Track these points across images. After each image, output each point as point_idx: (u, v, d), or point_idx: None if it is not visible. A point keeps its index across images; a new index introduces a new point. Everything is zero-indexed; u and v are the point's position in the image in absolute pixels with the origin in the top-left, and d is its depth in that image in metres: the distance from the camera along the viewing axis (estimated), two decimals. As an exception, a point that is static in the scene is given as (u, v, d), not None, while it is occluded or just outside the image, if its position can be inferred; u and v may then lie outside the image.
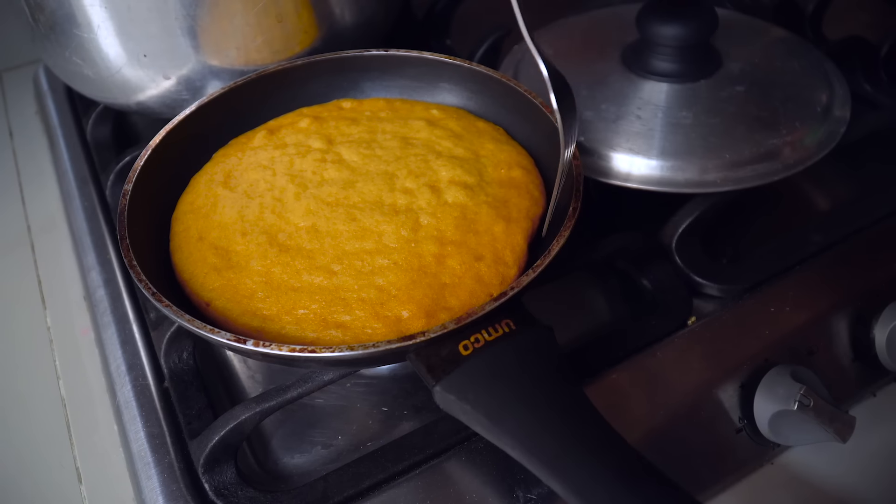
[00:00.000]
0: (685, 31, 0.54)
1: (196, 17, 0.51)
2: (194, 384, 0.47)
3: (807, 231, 0.53)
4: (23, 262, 0.59)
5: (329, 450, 0.45)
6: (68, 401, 0.50)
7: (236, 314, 0.41)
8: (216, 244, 0.45)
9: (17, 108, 0.74)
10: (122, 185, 0.56)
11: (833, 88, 0.57)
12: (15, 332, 0.54)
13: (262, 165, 0.49)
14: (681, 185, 0.52)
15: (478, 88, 0.53)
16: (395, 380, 0.49)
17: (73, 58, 0.54)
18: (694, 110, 0.54)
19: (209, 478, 0.42)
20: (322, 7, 0.55)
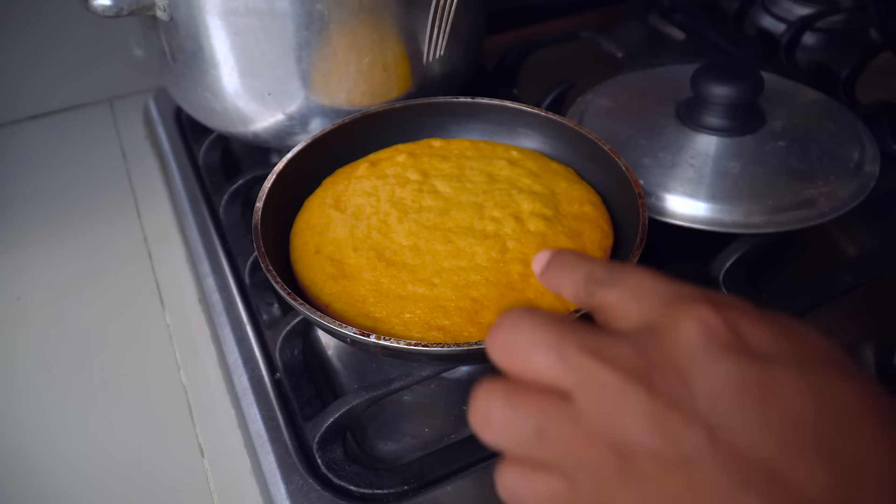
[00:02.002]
0: (735, 92, 0.62)
1: (316, 64, 0.60)
2: (304, 376, 0.54)
3: (838, 272, 0.60)
4: (142, 269, 0.67)
5: (417, 439, 0.52)
6: (189, 387, 0.58)
7: (352, 315, 0.49)
8: (332, 257, 0.53)
9: (128, 133, 0.83)
10: (235, 205, 0.65)
11: (864, 147, 0.64)
12: (139, 328, 0.62)
13: (366, 192, 0.57)
14: (728, 225, 0.59)
15: (552, 134, 0.61)
16: (472, 383, 0.55)
17: (204, 92, 0.63)
18: (741, 161, 0.61)
19: (322, 454, 0.49)
20: (417, 60, 0.64)
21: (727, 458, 0.24)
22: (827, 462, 0.23)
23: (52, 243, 0.70)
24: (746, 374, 0.25)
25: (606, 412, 0.26)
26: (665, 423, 0.25)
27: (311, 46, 0.59)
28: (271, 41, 0.58)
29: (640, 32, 0.97)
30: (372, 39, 0.60)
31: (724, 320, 0.26)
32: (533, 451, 0.27)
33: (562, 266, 0.35)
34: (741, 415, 0.24)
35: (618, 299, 0.30)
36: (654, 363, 0.26)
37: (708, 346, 0.26)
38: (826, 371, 0.25)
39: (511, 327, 0.29)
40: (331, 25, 0.58)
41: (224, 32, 0.58)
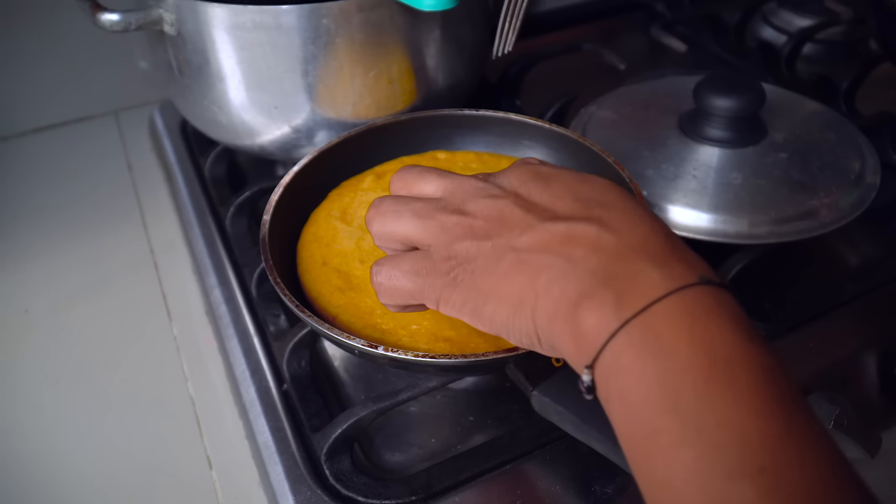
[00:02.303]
0: (737, 104, 0.62)
1: (322, 77, 0.60)
2: (312, 388, 0.54)
3: (841, 281, 0.60)
4: (148, 280, 0.68)
5: (424, 450, 0.53)
6: (196, 399, 0.58)
7: (359, 327, 0.49)
8: (338, 269, 0.53)
9: (133, 145, 0.84)
10: (241, 217, 0.66)
11: (865, 158, 0.65)
12: (146, 340, 0.62)
13: (372, 204, 0.58)
14: (731, 236, 0.59)
15: (556, 146, 0.62)
16: (478, 393, 0.56)
17: (210, 106, 0.63)
18: (743, 172, 0.62)
19: (330, 465, 0.49)
20: (423, 73, 0.65)
21: (520, 200, 0.38)
22: (580, 201, 0.37)
23: (58, 255, 0.70)
24: (537, 170, 0.40)
25: (456, 193, 0.39)
26: (488, 188, 0.39)
27: (318, 60, 0.59)
28: (278, 55, 0.59)
29: (642, 44, 0.97)
30: (377, 53, 0.60)
31: (535, 159, 0.42)
32: (406, 228, 0.39)
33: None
34: (533, 184, 0.38)
35: None
36: (493, 174, 0.41)
37: (520, 163, 0.41)
38: (591, 176, 0.39)
39: (408, 168, 0.43)
40: (337, 40, 0.58)
41: (231, 47, 0.59)
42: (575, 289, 0.33)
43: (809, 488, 0.26)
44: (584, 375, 0.33)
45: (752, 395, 0.28)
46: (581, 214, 0.36)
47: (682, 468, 0.28)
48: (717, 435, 0.28)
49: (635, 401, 0.30)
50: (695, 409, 0.28)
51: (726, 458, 0.27)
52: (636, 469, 0.31)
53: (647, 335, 0.30)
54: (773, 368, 0.30)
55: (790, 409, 0.28)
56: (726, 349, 0.30)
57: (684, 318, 0.30)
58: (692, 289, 0.31)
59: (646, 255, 0.33)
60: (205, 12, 0.58)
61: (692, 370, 0.29)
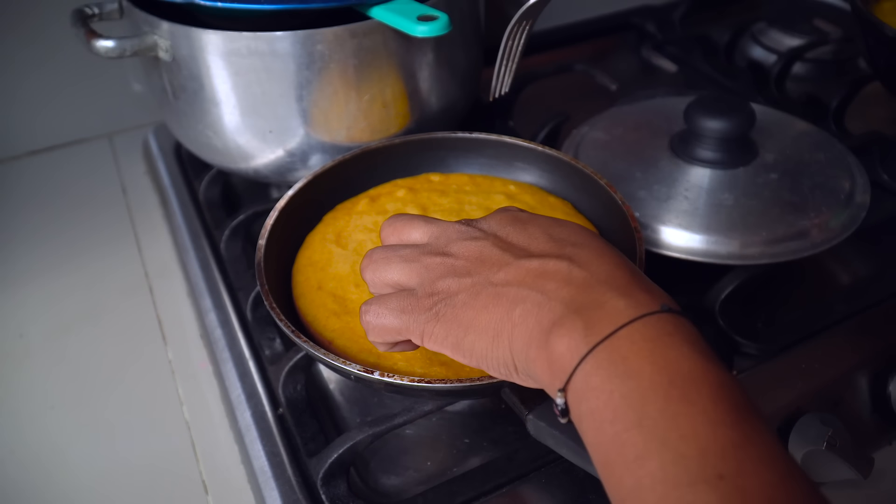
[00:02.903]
0: (728, 125, 0.63)
1: (317, 102, 0.61)
2: (307, 412, 0.54)
3: (832, 301, 0.61)
4: (143, 304, 0.68)
5: (420, 473, 0.53)
6: (191, 423, 0.58)
7: (355, 351, 0.50)
8: (334, 293, 0.53)
9: (128, 168, 0.84)
10: (236, 240, 0.66)
11: (855, 178, 0.65)
12: (141, 364, 0.62)
13: (367, 228, 0.58)
14: (723, 257, 0.60)
15: (549, 168, 0.62)
16: (474, 416, 0.56)
17: (205, 130, 0.64)
18: (734, 193, 0.62)
19: (326, 490, 0.49)
20: (416, 96, 0.65)
21: (499, 241, 0.41)
22: (554, 241, 0.40)
23: (53, 279, 0.70)
24: (517, 215, 0.43)
25: (441, 238, 0.43)
26: (470, 232, 0.42)
27: (312, 85, 0.60)
28: (273, 80, 0.59)
29: (633, 64, 0.98)
30: (371, 77, 0.61)
31: (515, 208, 0.45)
32: (394, 273, 0.42)
33: None
34: (512, 227, 0.42)
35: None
36: (475, 220, 0.44)
37: (501, 210, 0.44)
38: (565, 221, 0.43)
39: (397, 216, 0.46)
40: (331, 65, 0.59)
41: (226, 72, 0.59)
42: (548, 318, 0.35)
43: (766, 492, 0.28)
44: (557, 399, 0.35)
45: (709, 409, 0.31)
46: (554, 252, 0.39)
47: (648, 478, 0.30)
48: (679, 446, 0.30)
49: (604, 418, 0.32)
50: (658, 423, 0.31)
51: (688, 467, 0.29)
52: (608, 484, 0.33)
53: (613, 358, 0.33)
54: (728, 384, 0.32)
55: (744, 419, 0.31)
56: (685, 368, 0.32)
57: (647, 341, 0.33)
58: (654, 316, 0.34)
59: (612, 287, 0.36)
60: (199, 39, 0.58)
61: (654, 388, 0.32)
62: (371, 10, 0.57)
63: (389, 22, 0.56)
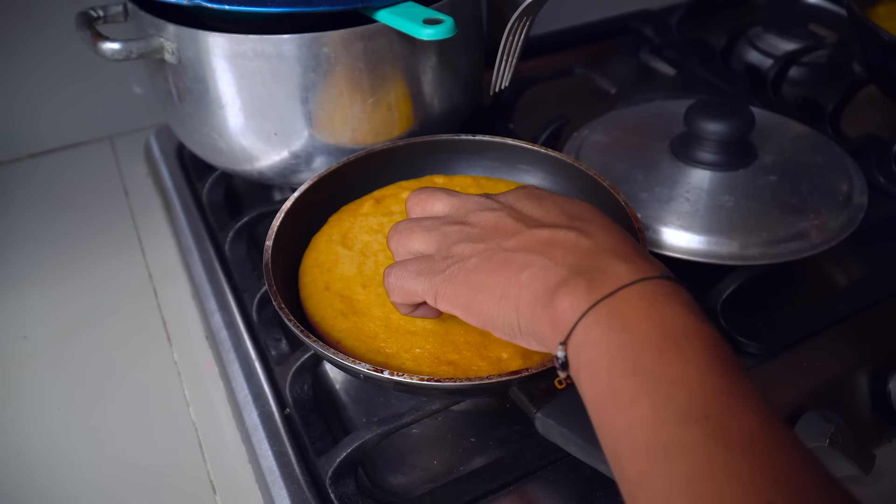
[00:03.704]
0: (727, 128, 0.64)
1: (322, 104, 0.61)
2: (315, 411, 0.55)
3: (832, 301, 0.62)
4: (148, 306, 0.68)
5: (426, 472, 0.53)
6: (198, 424, 0.58)
7: (363, 351, 0.50)
8: (341, 293, 0.54)
9: (129, 170, 0.84)
10: (240, 242, 0.66)
11: (852, 180, 0.66)
12: (147, 366, 0.62)
13: (372, 229, 0.59)
14: (724, 257, 0.60)
15: (552, 170, 0.63)
16: (479, 415, 0.57)
17: (210, 132, 0.64)
18: (735, 195, 0.63)
19: (335, 489, 0.50)
20: (420, 99, 0.66)
21: (516, 213, 0.43)
22: (567, 215, 0.42)
23: (57, 282, 0.71)
24: (534, 191, 0.46)
25: (460, 209, 0.45)
26: (489, 204, 0.45)
27: (318, 88, 0.60)
28: (278, 83, 0.60)
29: (632, 68, 0.99)
30: (376, 80, 0.61)
31: (535, 187, 0.48)
32: (417, 241, 0.45)
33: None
34: (528, 201, 0.44)
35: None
36: (495, 195, 0.47)
37: (522, 188, 0.47)
38: (579, 200, 0.45)
39: (420, 191, 0.48)
40: (337, 68, 0.59)
41: (232, 75, 0.60)
42: (554, 280, 0.38)
43: (746, 431, 0.31)
44: (558, 352, 0.37)
45: (699, 359, 0.33)
46: (564, 224, 0.42)
47: (639, 418, 0.32)
48: (669, 389, 0.33)
49: (601, 367, 0.35)
50: (651, 371, 0.33)
51: (677, 408, 0.32)
52: (600, 429, 0.35)
53: (612, 314, 0.36)
54: (718, 342, 0.35)
55: (732, 372, 0.33)
56: (679, 324, 0.35)
57: (644, 301, 0.36)
58: (653, 280, 0.37)
59: (616, 255, 0.38)
60: (206, 41, 0.59)
61: (649, 340, 0.34)
62: (377, 14, 0.58)
63: (395, 25, 0.57)
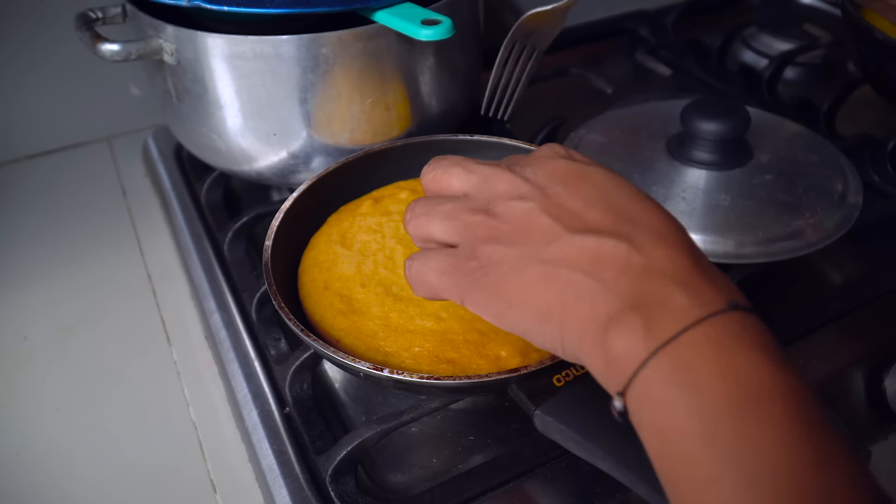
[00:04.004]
0: (723, 128, 0.64)
1: (320, 105, 0.61)
2: (314, 410, 0.55)
3: (827, 299, 0.62)
4: (147, 306, 0.68)
5: (426, 470, 0.54)
6: (198, 423, 0.58)
7: (362, 350, 0.50)
8: (340, 293, 0.54)
9: (127, 171, 0.84)
10: (239, 242, 0.67)
11: (847, 179, 0.67)
12: (146, 365, 0.63)
13: (371, 229, 0.59)
14: (720, 256, 0.61)
15: (549, 170, 0.63)
16: (478, 413, 0.57)
17: (209, 133, 0.64)
18: (731, 194, 0.64)
19: (335, 487, 0.50)
20: (418, 99, 0.66)
21: (550, 206, 0.38)
22: (610, 212, 0.37)
23: (55, 282, 0.71)
24: (570, 167, 0.39)
25: (484, 191, 0.40)
26: (517, 187, 0.39)
27: (316, 88, 0.60)
28: (277, 84, 0.60)
29: (628, 68, 1.00)
30: (374, 81, 0.62)
31: (563, 147, 0.42)
32: (436, 229, 0.41)
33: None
34: (563, 185, 0.38)
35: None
36: (517, 162, 0.41)
37: (550, 155, 0.41)
38: (622, 180, 0.39)
39: (436, 161, 0.44)
40: (335, 68, 0.60)
41: (230, 76, 0.60)
42: (604, 310, 0.34)
43: None
44: (615, 402, 0.34)
45: (785, 425, 0.29)
46: (611, 228, 0.36)
47: (718, 501, 0.29)
48: (754, 468, 0.29)
49: (669, 431, 0.31)
50: (730, 443, 0.29)
51: (762, 491, 0.28)
52: (670, 493, 0.32)
53: (676, 366, 0.31)
54: (802, 394, 0.30)
55: (821, 436, 0.29)
56: (757, 377, 0.30)
57: (713, 347, 0.31)
58: (720, 316, 0.32)
59: (674, 279, 0.33)
60: (205, 42, 0.59)
61: (724, 402, 0.30)
62: (375, 15, 0.58)
63: (393, 26, 0.57)
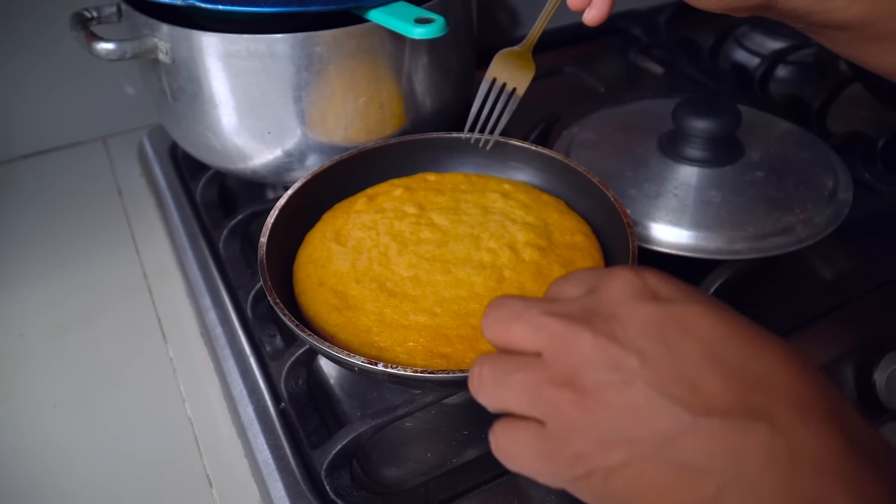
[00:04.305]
0: (714, 125, 0.65)
1: (315, 103, 0.62)
2: (309, 405, 0.56)
3: (817, 294, 0.63)
4: (143, 304, 0.68)
5: (420, 464, 0.54)
6: (194, 419, 0.59)
7: (357, 345, 0.51)
8: (335, 289, 0.54)
9: (123, 170, 0.85)
10: (234, 240, 0.67)
11: (838, 176, 0.67)
12: (142, 362, 0.63)
13: (366, 226, 0.59)
14: (712, 252, 0.61)
15: (542, 167, 0.64)
16: (472, 408, 0.57)
17: (204, 131, 0.65)
18: (722, 191, 0.64)
19: (330, 481, 0.50)
20: (411, 97, 0.67)
21: (656, 377, 0.30)
22: (732, 378, 0.30)
23: (52, 281, 0.71)
24: (663, 313, 0.32)
25: (563, 355, 0.33)
26: (606, 353, 0.31)
27: (310, 86, 0.61)
28: (271, 82, 0.60)
29: (620, 67, 1.00)
30: (368, 79, 0.62)
31: (640, 278, 0.34)
32: (513, 403, 0.34)
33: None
34: (664, 343, 0.31)
35: (568, 285, 0.37)
36: (594, 312, 0.33)
37: (631, 295, 0.33)
38: (725, 307, 0.33)
39: (494, 309, 0.36)
40: (329, 67, 0.60)
41: (225, 74, 0.61)
42: None
43: None
44: None
45: None
46: (739, 403, 0.29)
47: None
48: None
49: None
50: None
51: None
52: None
53: None
54: None
55: None
56: None
57: None
58: None
59: (830, 470, 0.28)
60: (199, 41, 0.59)
61: None
62: (368, 13, 0.59)
63: (387, 24, 0.57)
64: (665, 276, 0.35)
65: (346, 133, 0.65)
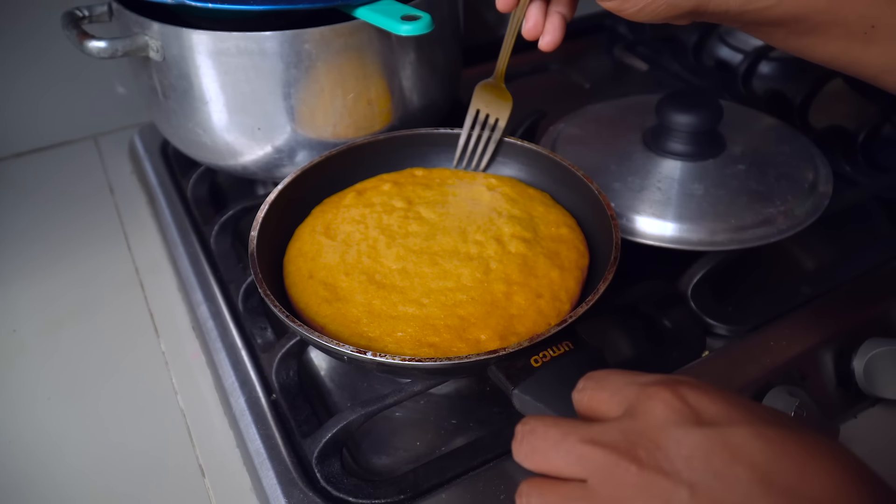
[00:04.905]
0: (697, 120, 0.66)
1: (304, 99, 0.63)
2: (300, 396, 0.57)
3: (798, 284, 0.64)
4: (135, 299, 0.69)
5: (409, 453, 0.55)
6: (186, 411, 0.60)
7: (346, 336, 0.52)
8: (325, 281, 0.55)
9: (114, 168, 0.86)
10: (225, 235, 0.68)
11: (818, 169, 0.69)
12: (135, 356, 0.64)
13: (355, 220, 0.60)
14: (694, 243, 0.63)
15: (528, 162, 0.65)
16: (460, 397, 0.59)
17: (195, 128, 0.66)
18: (704, 184, 0.65)
19: (320, 469, 0.51)
20: (399, 94, 0.68)
21: None
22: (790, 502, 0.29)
23: (45, 277, 0.72)
24: (709, 440, 0.31)
25: (611, 488, 0.32)
26: (655, 488, 0.31)
27: (299, 83, 0.62)
28: (261, 79, 0.61)
29: (606, 64, 1.02)
30: (357, 76, 0.63)
31: (680, 398, 0.33)
32: None
33: None
34: (713, 473, 0.30)
35: (604, 400, 0.37)
36: (637, 442, 0.32)
37: (674, 421, 0.32)
38: (770, 424, 0.32)
39: (529, 435, 0.36)
40: (318, 64, 0.61)
41: (215, 71, 0.61)
42: None
43: None
44: None
45: None
46: None
47: None
48: None
49: None
50: None
51: None
52: None
53: None
54: None
55: None
56: None
57: None
58: None
59: None
60: (190, 39, 0.60)
61: None
62: (356, 11, 0.60)
63: (374, 22, 0.58)
64: (703, 388, 0.34)
65: (334, 129, 0.66)
